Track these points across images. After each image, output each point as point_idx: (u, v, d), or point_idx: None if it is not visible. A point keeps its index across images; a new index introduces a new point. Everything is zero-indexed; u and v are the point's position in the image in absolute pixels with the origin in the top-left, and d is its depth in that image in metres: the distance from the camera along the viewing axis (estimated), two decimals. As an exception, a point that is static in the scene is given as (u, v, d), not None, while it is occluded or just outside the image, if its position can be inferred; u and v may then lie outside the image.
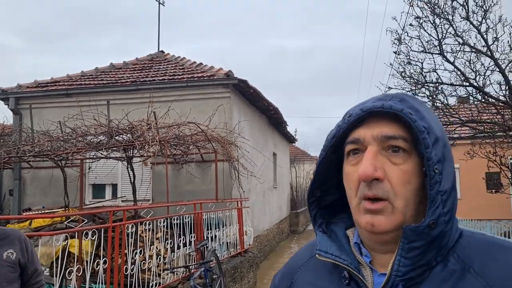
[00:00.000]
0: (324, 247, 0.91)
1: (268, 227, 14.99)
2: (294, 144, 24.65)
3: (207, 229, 7.87)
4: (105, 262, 5.17)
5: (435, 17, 7.65)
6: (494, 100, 7.81)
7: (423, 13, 7.77)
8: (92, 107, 7.96)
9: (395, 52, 8.15)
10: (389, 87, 8.71)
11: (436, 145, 0.82)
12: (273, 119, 15.03)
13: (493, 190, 9.54)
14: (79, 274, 4.88)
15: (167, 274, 6.36)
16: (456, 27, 7.64)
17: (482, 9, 7.39)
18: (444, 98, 8.29)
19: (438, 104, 8.35)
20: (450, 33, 7.68)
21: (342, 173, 0.91)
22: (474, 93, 8.05)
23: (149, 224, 6.11)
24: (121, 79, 11.13)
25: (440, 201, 0.80)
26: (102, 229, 5.34)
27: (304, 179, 26.83)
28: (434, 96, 8.25)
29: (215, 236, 8.16)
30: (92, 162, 9.15)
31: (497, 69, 7.57)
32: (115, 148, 7.44)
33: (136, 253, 5.72)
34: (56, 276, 4.71)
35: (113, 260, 5.45)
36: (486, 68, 7.75)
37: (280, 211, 18.43)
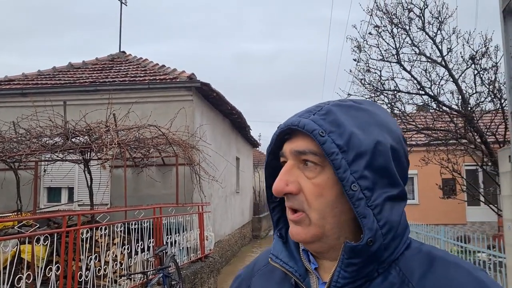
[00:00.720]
0: (276, 252, 0.92)
1: (230, 232, 14.92)
2: (257, 148, 24.74)
3: (167, 234, 7.74)
4: (58, 269, 4.99)
5: (393, 27, 7.87)
6: (447, 109, 8.10)
7: (381, 22, 7.99)
8: (48, 107, 7.67)
9: (355, 60, 8.32)
10: (349, 94, 8.88)
11: (358, 160, 0.79)
12: (236, 123, 15.02)
13: (447, 196, 9.86)
14: (29, 281, 4.69)
15: (124, 281, 6.21)
16: (413, 37, 7.89)
17: (438, 21, 7.66)
18: (401, 105, 8.53)
19: (396, 111, 8.57)
20: (407, 43, 7.93)
21: None
22: (429, 102, 8.32)
23: (105, 229, 5.95)
24: (80, 79, 10.85)
25: (373, 215, 0.79)
26: (56, 234, 5.15)
27: (267, 183, 26.84)
28: (393, 103, 8.47)
29: (175, 241, 8.04)
30: (47, 165, 8.84)
31: (451, 79, 7.86)
32: (71, 150, 7.21)
33: (91, 259, 5.55)
34: (4, 284, 4.50)
35: (67, 266, 5.27)
36: (440, 77, 8.04)
37: (243, 216, 18.40)
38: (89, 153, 7.38)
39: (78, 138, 7.23)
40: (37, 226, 5.59)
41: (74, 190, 10.09)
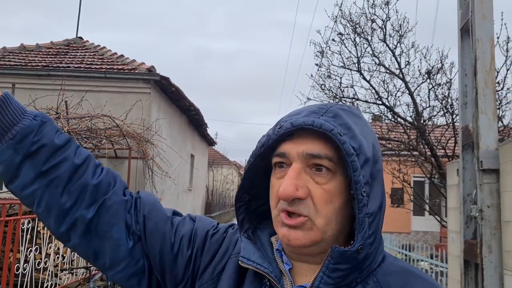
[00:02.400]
0: (247, 254, 0.89)
1: (180, 229, 14.70)
2: (213, 147, 24.56)
3: (114, 229, 7.50)
4: (-7, 260, 4.70)
5: (356, 35, 8.01)
6: (402, 120, 8.33)
7: (345, 30, 8.11)
8: (-5, 89, 7.26)
9: (317, 65, 8.40)
10: (308, 98, 8.96)
11: (366, 166, 0.81)
12: (193, 120, 14.83)
13: (395, 205, 10.16)
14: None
15: (65, 275, 5.95)
16: (374, 48, 8.06)
17: (398, 34, 7.87)
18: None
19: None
20: (368, 53, 8.09)
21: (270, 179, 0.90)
22: (385, 112, 8.52)
23: (49, 220, 5.67)
24: (32, 62, 10.35)
25: (367, 223, 0.80)
26: (-7, 224, 4.84)
27: (221, 183, 26.80)
28: (350, 111, 8.61)
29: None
30: (-11, 150, 8.35)
31: (407, 91, 8.09)
32: (17, 136, 6.84)
33: (31, 251, 5.27)
34: None
35: (3, 258, 4.97)
36: (397, 89, 8.26)
37: (194, 214, 18.20)
38: (36, 140, 7.03)
39: (25, 123, 6.87)
40: (-27, 214, 5.23)
41: (18, 178, 9.59)
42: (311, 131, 0.81)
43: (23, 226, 5.20)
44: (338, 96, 8.42)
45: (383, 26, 7.86)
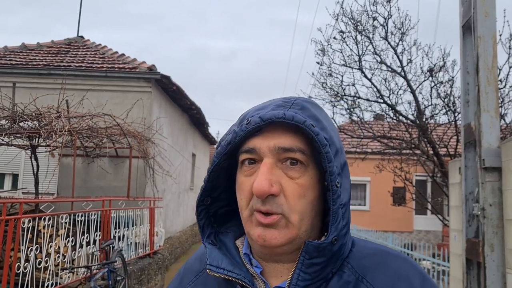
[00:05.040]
0: (216, 262, 0.84)
1: (182, 229, 14.71)
2: (215, 146, 24.55)
3: (115, 228, 7.49)
4: (-6, 259, 4.69)
5: (357, 33, 7.97)
6: (404, 118, 8.29)
7: (346, 28, 8.07)
8: (-5, 88, 7.24)
9: (318, 63, 8.36)
10: (309, 97, 8.92)
11: (337, 157, 0.80)
12: (194, 119, 14.82)
13: (397, 204, 10.13)
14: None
15: (66, 274, 5.93)
16: (376, 46, 8.02)
17: (400, 32, 7.83)
18: (360, 112, 8.66)
19: (354, 117, 8.70)
20: (370, 51, 8.05)
21: (233, 180, 0.86)
22: (387, 110, 8.49)
23: (49, 220, 5.66)
24: (33, 61, 10.34)
25: (341, 215, 0.79)
26: (-6, 223, 4.84)
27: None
28: (352, 109, 8.58)
29: (123, 235, 7.80)
30: (-10, 149, 8.35)
31: (409, 90, 8.05)
32: (18, 135, 6.83)
33: (31, 250, 5.26)
34: None
35: (4, 257, 4.96)
36: (399, 87, 8.22)
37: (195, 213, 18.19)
38: (37, 139, 7.02)
39: (26, 122, 6.87)
40: (-27, 213, 5.23)
41: (19, 177, 9.59)
42: (281, 124, 0.79)
43: (23, 225, 5.19)
44: (339, 95, 8.39)
45: (384, 24, 7.83)
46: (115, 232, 7.48)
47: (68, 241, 6.11)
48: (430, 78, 7.82)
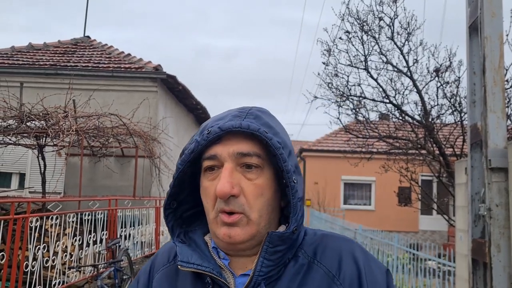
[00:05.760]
0: (186, 258, 0.93)
1: (187, 227, 14.75)
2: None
3: (121, 227, 7.54)
4: (3, 257, 4.73)
5: (363, 33, 7.95)
6: (410, 119, 8.27)
7: (352, 28, 8.05)
8: (3, 88, 7.30)
9: (324, 63, 8.35)
10: (315, 97, 8.92)
11: (290, 157, 0.91)
12: (200, 118, 14.85)
13: (403, 204, 10.10)
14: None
15: (73, 273, 5.98)
16: (381, 46, 7.99)
17: (406, 32, 7.80)
18: (366, 112, 8.65)
19: (360, 118, 8.68)
20: (376, 51, 8.02)
21: (197, 184, 0.96)
22: (393, 110, 8.46)
23: (57, 219, 5.70)
24: (40, 61, 10.42)
25: (299, 206, 0.90)
26: (3, 221, 4.89)
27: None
28: (357, 109, 8.57)
29: (130, 234, 7.84)
30: (-2, 148, 8.41)
31: (415, 90, 8.02)
32: (25, 135, 6.88)
33: (39, 248, 5.30)
34: None
35: (12, 255, 5.00)
36: (405, 87, 8.18)
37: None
38: (44, 138, 7.08)
39: (33, 122, 6.93)
40: (-18, 212, 5.28)
41: (26, 176, 9.66)
42: (238, 133, 0.89)
43: (31, 224, 5.23)
44: (345, 95, 8.38)
45: (391, 24, 7.80)
46: (121, 231, 7.53)
47: (75, 240, 6.15)
48: (436, 78, 7.79)
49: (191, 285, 0.96)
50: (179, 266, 0.93)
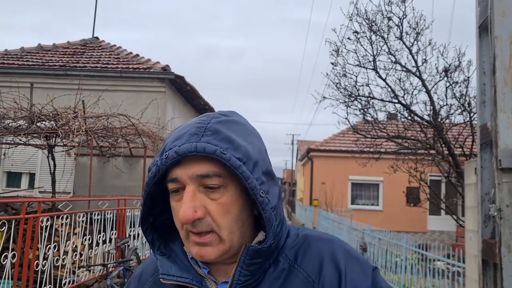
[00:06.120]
0: (166, 270, 0.94)
1: (194, 227, 14.79)
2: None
3: (130, 227, 7.58)
4: (14, 256, 4.78)
5: (371, 33, 7.93)
6: (419, 119, 8.24)
7: (361, 28, 8.04)
8: (14, 89, 7.37)
9: (332, 63, 8.35)
10: (323, 97, 8.91)
11: (256, 168, 0.87)
12: (208, 119, 14.87)
13: (412, 204, 10.06)
14: (-18, 268, 4.47)
15: (83, 272, 6.02)
16: (390, 46, 7.97)
17: (415, 32, 7.77)
18: (374, 112, 8.63)
19: (368, 118, 8.66)
20: (384, 51, 8.01)
21: (168, 197, 0.93)
22: (401, 110, 8.44)
23: (67, 218, 5.75)
24: (49, 62, 10.50)
25: (273, 216, 0.88)
26: (14, 221, 4.93)
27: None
28: (365, 109, 8.55)
29: (138, 234, 7.88)
30: (8, 148, 8.49)
31: (424, 89, 7.99)
32: (35, 135, 6.94)
33: (50, 248, 5.35)
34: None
35: (23, 255, 5.05)
36: (414, 87, 8.16)
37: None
38: (54, 138, 7.13)
39: (43, 122, 6.98)
40: (-7, 211, 5.34)
41: (36, 176, 9.75)
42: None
43: (42, 223, 5.27)
44: (353, 95, 8.37)
45: (399, 24, 7.78)
46: (130, 230, 7.57)
47: (85, 239, 6.20)
48: (445, 78, 7.76)
49: None
50: (161, 279, 0.94)
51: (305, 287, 0.89)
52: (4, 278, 4.74)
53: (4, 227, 4.66)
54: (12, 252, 4.78)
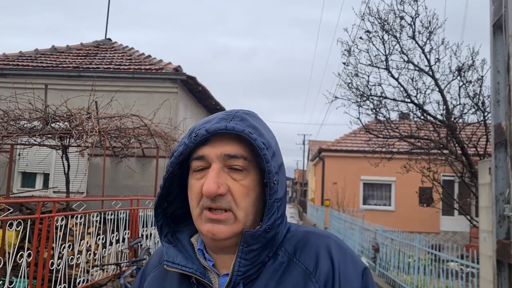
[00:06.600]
0: (171, 258, 0.97)
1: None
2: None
3: (143, 226, 7.63)
4: (29, 255, 4.85)
5: (384, 33, 7.90)
6: (432, 118, 8.17)
7: (373, 28, 8.01)
8: (28, 90, 7.46)
9: (344, 63, 8.32)
10: (335, 97, 8.88)
11: (274, 158, 0.93)
12: (219, 119, 14.92)
13: (424, 204, 9.98)
14: (0, 266, 4.54)
15: (97, 271, 6.08)
16: (403, 45, 7.93)
17: (428, 31, 7.72)
18: (386, 112, 8.58)
19: (380, 117, 8.62)
20: (397, 50, 7.97)
21: (186, 185, 0.98)
22: (414, 110, 8.38)
23: (81, 218, 5.82)
24: (63, 64, 10.62)
25: (276, 207, 0.92)
26: (29, 220, 5.01)
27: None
28: (377, 109, 8.51)
29: (151, 234, 7.94)
30: (23, 149, 8.62)
31: (437, 89, 7.93)
32: (50, 136, 7.03)
33: (64, 247, 5.41)
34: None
35: (38, 254, 5.12)
36: (427, 87, 8.10)
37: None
38: (68, 139, 7.21)
39: (58, 123, 7.06)
40: (10, 211, 5.42)
41: (50, 176, 9.87)
42: (225, 135, 0.92)
43: (56, 223, 5.34)
44: (365, 95, 8.33)
45: (412, 23, 7.74)
46: (143, 230, 7.63)
47: (99, 239, 6.26)
48: (459, 77, 7.69)
49: (178, 286, 0.99)
50: (165, 266, 0.97)
51: (302, 279, 0.93)
52: (20, 277, 4.81)
53: (19, 227, 4.73)
54: (28, 252, 4.85)
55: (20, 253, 4.83)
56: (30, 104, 7.11)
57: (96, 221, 6.25)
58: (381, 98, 8.40)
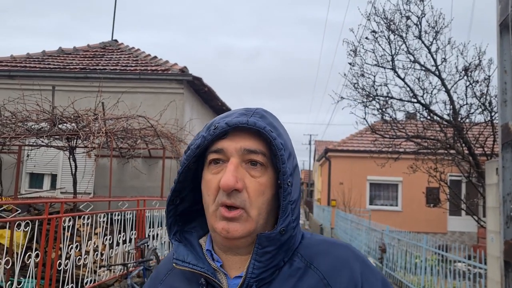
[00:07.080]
0: (181, 257, 0.95)
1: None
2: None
3: (150, 227, 7.66)
4: (37, 256, 4.89)
5: (390, 33, 7.87)
6: (438, 118, 8.14)
7: (379, 28, 7.99)
8: (36, 91, 7.52)
9: (350, 63, 8.30)
10: (341, 97, 8.87)
11: (289, 160, 0.92)
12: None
13: (431, 205, 9.93)
14: (8, 267, 4.58)
15: (104, 271, 6.12)
16: (409, 45, 7.90)
17: (434, 30, 7.69)
18: (392, 112, 8.56)
19: (386, 117, 8.59)
20: (403, 50, 7.94)
21: (199, 180, 0.97)
22: (420, 110, 8.35)
23: (88, 219, 5.85)
24: (70, 65, 10.68)
25: (290, 210, 0.90)
26: (37, 221, 5.05)
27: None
28: (384, 109, 8.48)
29: (157, 234, 7.97)
30: (31, 150, 8.68)
31: (443, 89, 7.90)
32: (57, 137, 7.08)
33: (71, 248, 5.45)
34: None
35: (46, 254, 5.16)
36: (433, 86, 8.07)
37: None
38: (75, 140, 7.26)
39: (65, 124, 7.11)
40: (18, 212, 5.47)
41: (57, 177, 9.93)
42: (245, 129, 0.90)
43: (64, 223, 5.37)
44: (371, 95, 8.31)
45: (418, 23, 7.71)
46: (150, 231, 7.65)
47: (106, 239, 6.29)
48: (465, 77, 7.65)
49: (185, 286, 0.98)
50: (174, 264, 0.95)
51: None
52: (28, 277, 4.85)
53: (27, 227, 4.77)
54: (36, 252, 4.89)
55: (28, 253, 4.87)
56: (38, 106, 7.16)
57: (103, 221, 6.29)
58: (387, 98, 8.37)
